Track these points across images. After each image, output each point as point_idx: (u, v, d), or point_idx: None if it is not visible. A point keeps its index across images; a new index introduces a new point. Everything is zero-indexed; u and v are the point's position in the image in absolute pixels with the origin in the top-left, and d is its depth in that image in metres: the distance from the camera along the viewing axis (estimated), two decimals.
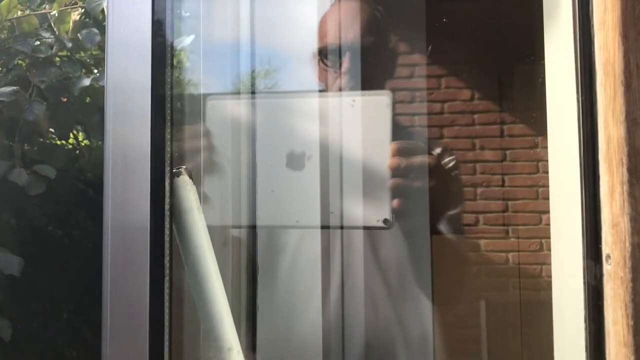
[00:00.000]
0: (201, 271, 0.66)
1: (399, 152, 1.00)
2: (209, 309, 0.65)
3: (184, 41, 0.94)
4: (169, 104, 0.70)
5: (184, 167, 0.72)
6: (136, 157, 0.67)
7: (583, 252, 0.63)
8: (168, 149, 0.69)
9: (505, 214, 2.38)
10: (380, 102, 0.95)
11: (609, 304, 0.59)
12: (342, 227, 1.02)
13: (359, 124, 0.96)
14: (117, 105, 0.68)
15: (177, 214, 0.69)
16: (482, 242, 2.37)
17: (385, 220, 0.96)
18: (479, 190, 2.38)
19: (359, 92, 1.14)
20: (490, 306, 2.33)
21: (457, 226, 1.39)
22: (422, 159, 1.06)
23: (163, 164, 0.68)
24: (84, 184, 4.34)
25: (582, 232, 0.63)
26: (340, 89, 1.18)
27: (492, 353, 2.26)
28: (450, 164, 1.35)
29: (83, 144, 3.56)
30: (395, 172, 0.99)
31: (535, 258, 2.39)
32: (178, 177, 0.70)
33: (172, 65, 0.71)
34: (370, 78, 1.20)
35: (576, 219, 0.63)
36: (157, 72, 0.69)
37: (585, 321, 0.62)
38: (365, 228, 1.07)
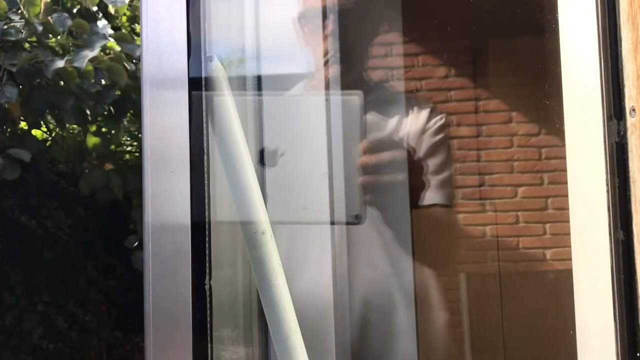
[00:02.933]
0: (235, 157, 0.66)
1: (368, 150, 1.04)
2: (244, 195, 0.66)
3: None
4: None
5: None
6: (175, 154, 0.67)
7: (603, 112, 0.63)
8: (205, 142, 0.68)
9: (482, 188, 2.42)
10: (351, 101, 0.97)
11: (635, 155, 0.61)
12: (314, 223, 1.04)
13: (332, 122, 0.97)
14: (153, 98, 0.67)
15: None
16: (461, 216, 2.41)
17: (356, 216, 0.99)
18: (457, 165, 2.42)
19: (332, 91, 1.18)
20: (471, 278, 2.38)
21: (450, 191, 1.43)
22: (391, 154, 1.11)
23: (202, 161, 0.68)
24: (56, 175, 4.27)
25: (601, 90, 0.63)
26: (326, 53, 1.20)
27: (474, 323, 2.32)
28: (438, 124, 1.38)
29: (58, 133, 3.49)
30: (366, 169, 1.03)
31: (512, 231, 2.44)
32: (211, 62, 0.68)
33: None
34: (352, 43, 1.22)
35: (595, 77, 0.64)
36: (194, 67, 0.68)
37: (608, 182, 0.63)
38: (336, 223, 1.09)
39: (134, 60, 2.98)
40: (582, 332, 0.68)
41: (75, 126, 3.57)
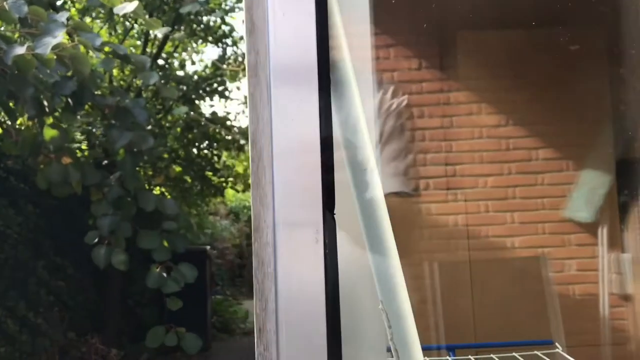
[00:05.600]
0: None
1: None
2: (355, 137, 0.66)
3: None
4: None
5: None
6: (305, 151, 0.65)
7: None
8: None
9: (452, 178, 2.48)
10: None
11: None
12: None
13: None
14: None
15: None
16: (432, 205, 2.46)
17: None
18: (429, 156, 2.46)
19: None
20: (442, 266, 2.43)
21: (410, 179, 1.44)
22: None
23: (332, 156, 0.66)
24: (4, 171, 4.08)
25: None
26: None
27: (445, 310, 2.37)
28: (402, 105, 1.39)
29: (10, 125, 3.33)
30: None
31: (481, 219, 2.50)
32: None
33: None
34: None
35: None
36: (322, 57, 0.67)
37: None
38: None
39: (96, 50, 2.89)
40: None
41: (24, 119, 3.43)
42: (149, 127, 4.26)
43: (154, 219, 4.59)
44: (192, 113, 5.62)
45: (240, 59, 6.54)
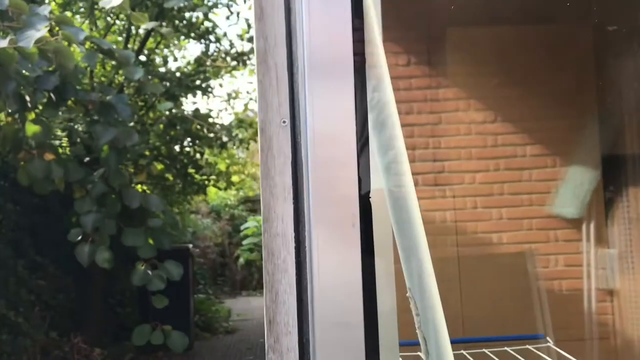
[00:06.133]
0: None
1: None
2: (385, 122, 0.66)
3: None
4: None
5: None
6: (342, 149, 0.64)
7: None
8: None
9: (441, 174, 2.48)
10: None
11: None
12: None
13: None
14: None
15: None
16: (421, 202, 2.46)
17: None
18: (417, 152, 2.46)
19: None
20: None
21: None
22: None
23: (367, 142, 0.65)
24: None
25: None
26: None
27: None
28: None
29: None
30: None
31: (470, 216, 2.51)
32: None
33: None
34: None
35: None
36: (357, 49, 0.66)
37: None
38: None
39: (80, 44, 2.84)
40: None
41: (5, 114, 3.36)
42: (131, 124, 4.20)
43: (138, 216, 4.54)
44: (174, 111, 5.56)
45: (223, 55, 6.50)
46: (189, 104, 7.08)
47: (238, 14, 7.06)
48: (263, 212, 0.69)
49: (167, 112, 5.55)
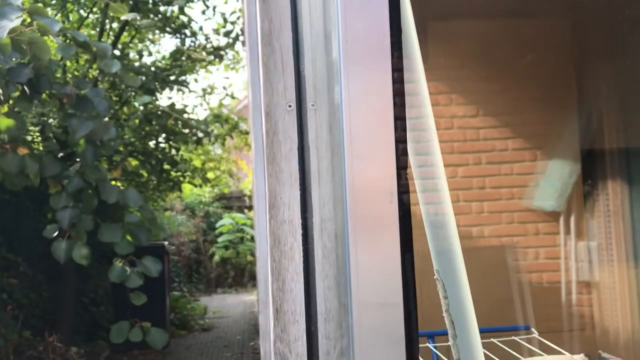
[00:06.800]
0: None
1: None
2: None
3: None
4: None
5: None
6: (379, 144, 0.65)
7: None
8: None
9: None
10: None
11: None
12: None
13: None
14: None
15: None
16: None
17: None
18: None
19: None
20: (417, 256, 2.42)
21: None
22: None
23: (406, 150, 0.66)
24: None
25: None
26: None
27: (419, 299, 2.36)
28: None
29: None
30: None
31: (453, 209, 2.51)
32: None
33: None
34: None
35: None
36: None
37: None
38: None
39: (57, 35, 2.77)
40: None
41: None
42: (106, 119, 4.12)
43: (113, 212, 4.46)
44: (149, 106, 5.48)
45: (198, 50, 6.43)
46: (164, 99, 6.99)
47: (214, 8, 6.99)
48: (268, 199, 0.67)
49: (142, 108, 5.47)
